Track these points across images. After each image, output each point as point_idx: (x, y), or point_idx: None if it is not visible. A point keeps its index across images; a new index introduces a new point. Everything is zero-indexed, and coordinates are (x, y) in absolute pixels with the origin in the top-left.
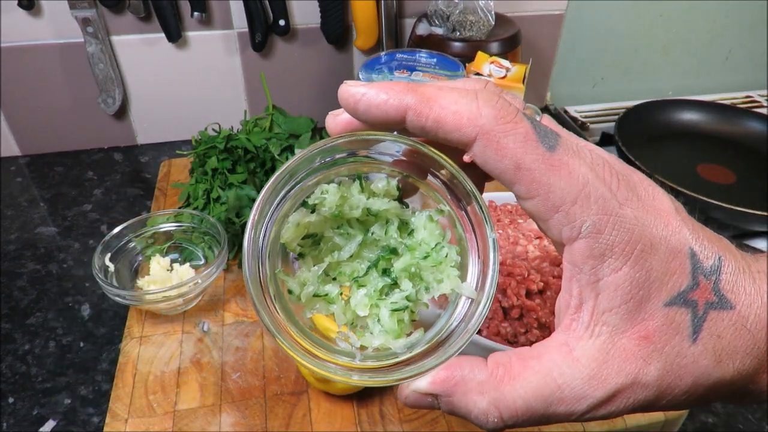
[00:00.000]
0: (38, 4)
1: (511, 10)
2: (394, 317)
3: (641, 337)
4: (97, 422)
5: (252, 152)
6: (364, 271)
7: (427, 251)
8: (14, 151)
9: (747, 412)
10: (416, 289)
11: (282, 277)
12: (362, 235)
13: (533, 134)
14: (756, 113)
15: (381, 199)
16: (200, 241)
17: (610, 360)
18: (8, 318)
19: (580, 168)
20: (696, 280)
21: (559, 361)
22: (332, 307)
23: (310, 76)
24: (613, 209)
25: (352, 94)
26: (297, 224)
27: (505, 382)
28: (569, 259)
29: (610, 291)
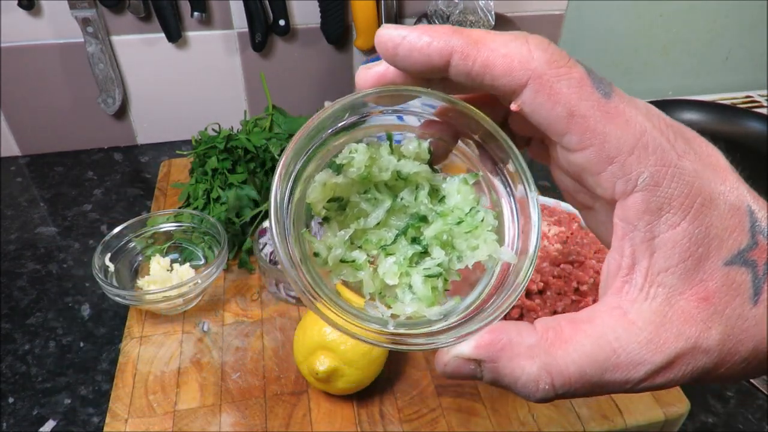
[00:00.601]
0: (38, 4)
1: (511, 10)
2: (428, 284)
3: (701, 299)
4: (97, 422)
5: (252, 152)
6: (392, 239)
7: (460, 217)
8: (14, 151)
9: (747, 412)
10: (449, 258)
11: (308, 237)
12: (390, 201)
13: (588, 80)
14: (756, 113)
15: (411, 161)
16: (200, 241)
17: (668, 323)
18: (8, 318)
19: (636, 117)
20: (755, 239)
21: (614, 324)
22: (360, 273)
23: (310, 76)
24: (671, 160)
25: (392, 37)
26: (324, 184)
27: (556, 346)
28: (622, 216)
29: (668, 248)
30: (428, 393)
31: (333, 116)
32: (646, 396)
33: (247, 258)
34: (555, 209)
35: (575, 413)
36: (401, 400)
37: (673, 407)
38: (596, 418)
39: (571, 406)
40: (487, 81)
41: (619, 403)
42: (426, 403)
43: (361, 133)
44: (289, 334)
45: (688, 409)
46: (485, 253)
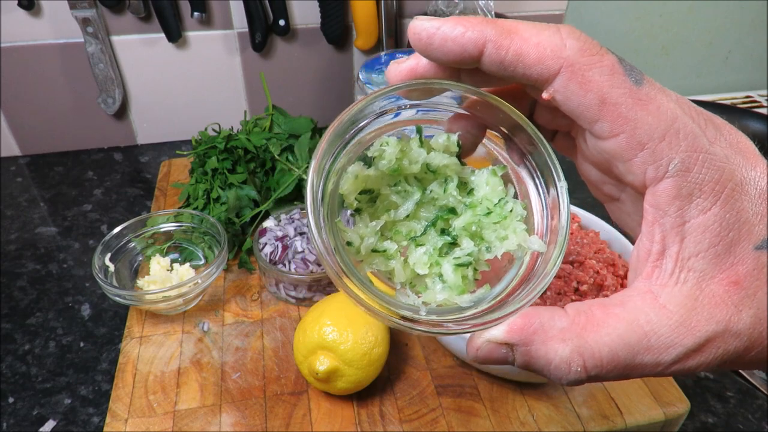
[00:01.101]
0: (38, 4)
1: (511, 10)
2: (458, 272)
3: (731, 282)
4: (97, 422)
5: (252, 152)
6: (422, 230)
7: (489, 207)
8: (14, 151)
9: (747, 412)
10: (478, 249)
11: (341, 227)
12: (420, 193)
13: (620, 67)
14: (756, 113)
15: (441, 154)
16: (200, 241)
17: (699, 307)
18: (8, 318)
19: (668, 104)
20: None
21: (645, 308)
22: (391, 263)
23: (310, 76)
24: (702, 146)
25: (426, 28)
26: (356, 176)
27: (588, 329)
28: (652, 202)
29: (698, 233)
30: (428, 393)
31: (364, 109)
32: (646, 396)
33: (247, 258)
34: None
35: (575, 413)
36: (401, 400)
37: (673, 407)
38: (596, 418)
39: (571, 406)
40: (519, 70)
41: (619, 403)
42: (426, 403)
43: (391, 128)
44: (289, 334)
45: (688, 409)
46: (514, 242)
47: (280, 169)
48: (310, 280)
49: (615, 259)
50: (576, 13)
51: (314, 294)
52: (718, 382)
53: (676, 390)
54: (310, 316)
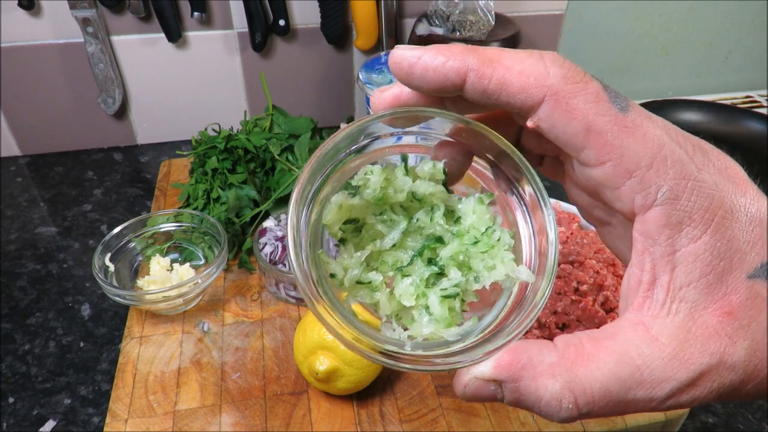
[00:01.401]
0: (38, 4)
1: (511, 10)
2: (445, 304)
3: (725, 313)
4: (97, 422)
5: (252, 152)
6: (409, 260)
7: (476, 236)
8: (14, 151)
9: (747, 412)
10: (465, 279)
11: (324, 258)
12: (406, 222)
13: (605, 95)
14: (756, 113)
15: (427, 182)
16: (200, 241)
17: (692, 339)
18: (8, 318)
19: (654, 130)
20: None
21: (636, 340)
22: (376, 294)
23: (310, 76)
24: (691, 173)
25: (407, 57)
26: (339, 206)
27: (578, 363)
28: (641, 231)
29: (689, 263)
30: (428, 393)
31: (347, 138)
32: None
33: (247, 258)
34: (555, 209)
35: None
36: (401, 400)
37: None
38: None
39: None
40: (503, 99)
41: None
42: (426, 403)
43: (375, 155)
44: (289, 334)
45: (688, 409)
46: (502, 272)
47: (280, 169)
48: None
49: (615, 259)
50: (576, 13)
51: None
52: None
53: None
54: (310, 315)
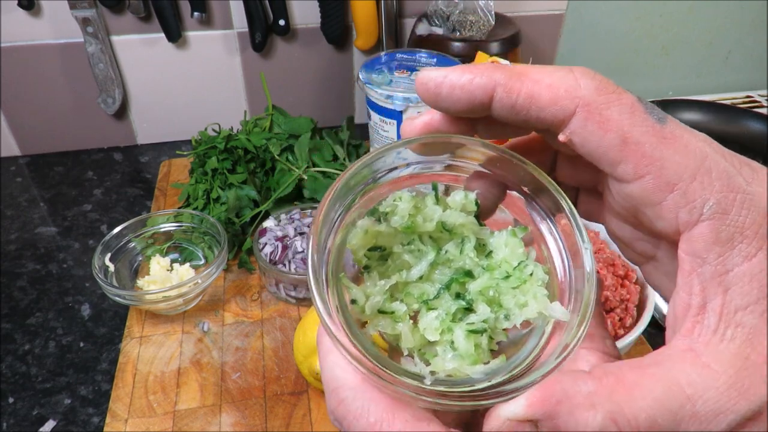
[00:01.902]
0: (38, 4)
1: (511, 10)
2: (471, 340)
3: None
4: (97, 422)
5: (252, 152)
6: (435, 293)
7: (508, 271)
8: (14, 151)
9: None
10: (495, 316)
11: (346, 283)
12: (434, 254)
13: (640, 106)
14: (756, 113)
15: (458, 212)
16: (200, 241)
17: (751, 367)
18: (8, 318)
19: (696, 142)
20: None
21: (687, 368)
22: (398, 326)
23: (310, 76)
24: (739, 186)
25: (433, 78)
26: (366, 231)
27: (619, 391)
28: (688, 250)
29: (745, 283)
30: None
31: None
32: None
33: (247, 258)
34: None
35: None
36: None
37: None
38: None
39: None
40: (533, 113)
41: None
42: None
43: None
44: (289, 334)
45: None
46: (535, 310)
47: (280, 169)
48: None
49: (615, 259)
50: (576, 13)
51: None
52: None
53: None
54: (310, 316)
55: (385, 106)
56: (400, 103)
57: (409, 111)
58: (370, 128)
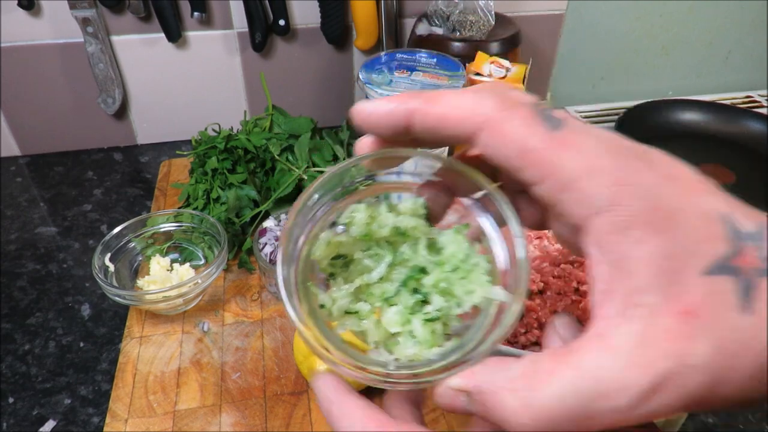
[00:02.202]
0: (38, 4)
1: (511, 10)
2: (427, 327)
3: (683, 313)
4: (97, 422)
5: (252, 152)
6: (395, 291)
7: (455, 264)
8: (14, 151)
9: (747, 412)
10: (448, 304)
11: (313, 290)
12: (391, 256)
13: (535, 116)
14: (756, 113)
15: (409, 217)
16: (200, 241)
17: (650, 343)
18: (8, 318)
19: (588, 142)
20: (737, 246)
21: (595, 352)
22: (364, 323)
23: (310, 76)
24: (628, 178)
25: (362, 110)
26: (328, 242)
27: (538, 379)
28: (591, 242)
29: (641, 267)
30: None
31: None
32: None
33: (247, 258)
34: None
35: None
36: None
37: None
38: None
39: None
40: (447, 132)
41: None
42: (426, 404)
43: (360, 195)
44: (289, 334)
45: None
46: (480, 295)
47: (280, 169)
48: None
49: None
50: (576, 13)
51: None
52: None
53: None
54: None
55: None
56: None
57: None
58: None
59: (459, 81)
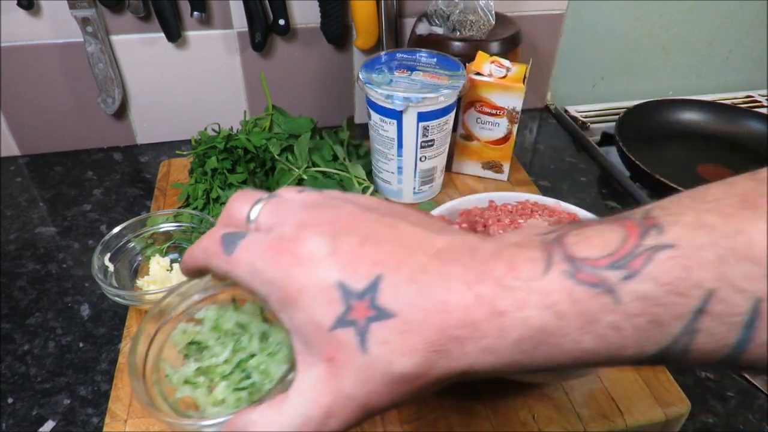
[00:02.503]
0: (38, 4)
1: (511, 9)
2: (235, 395)
3: (328, 360)
4: (97, 422)
5: (252, 152)
6: (230, 370)
7: (272, 351)
8: (14, 151)
9: (747, 412)
10: (261, 380)
11: (163, 363)
12: (233, 344)
13: (217, 246)
14: (756, 113)
15: (248, 315)
16: None
17: (316, 385)
18: (8, 318)
19: (244, 256)
20: (349, 304)
21: (295, 396)
22: (197, 391)
23: (310, 76)
24: (266, 275)
25: (183, 261)
26: (184, 331)
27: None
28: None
29: (298, 334)
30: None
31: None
32: (646, 396)
33: None
34: (555, 209)
35: (576, 413)
36: None
37: (673, 407)
38: (596, 418)
39: (572, 406)
40: (199, 270)
41: (620, 404)
42: (426, 404)
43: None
44: None
45: (688, 409)
46: (278, 374)
47: (280, 169)
48: None
49: None
50: (576, 13)
51: None
52: (718, 382)
53: (677, 390)
54: None
55: (385, 106)
56: (400, 103)
57: (410, 111)
58: (370, 128)
59: (459, 81)
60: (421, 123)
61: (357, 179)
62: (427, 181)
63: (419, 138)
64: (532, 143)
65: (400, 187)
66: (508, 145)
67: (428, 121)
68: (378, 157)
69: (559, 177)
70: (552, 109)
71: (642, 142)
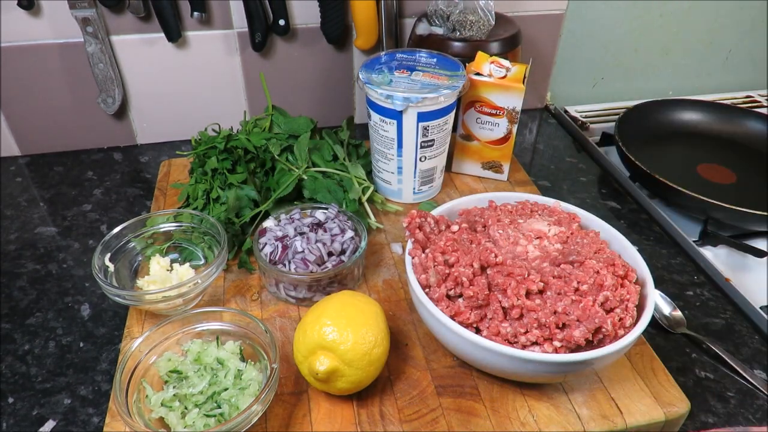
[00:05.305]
0: (38, 4)
1: (511, 9)
2: (203, 420)
3: None
4: (97, 422)
5: (252, 152)
6: (204, 400)
7: (243, 385)
8: (14, 151)
9: (747, 412)
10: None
11: (145, 384)
12: (210, 376)
13: None
14: (756, 113)
15: (228, 352)
16: (200, 241)
17: None
18: (8, 318)
19: None
20: None
21: None
22: (170, 414)
23: (310, 76)
24: None
25: None
26: (169, 359)
27: None
28: None
29: None
30: (428, 393)
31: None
32: (646, 396)
33: (246, 258)
34: (555, 209)
35: (575, 413)
36: (401, 400)
37: (673, 407)
38: (596, 418)
39: (572, 406)
40: None
41: (620, 404)
42: (426, 403)
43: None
44: (289, 334)
45: (688, 409)
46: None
47: (280, 169)
48: (310, 280)
49: (615, 258)
50: (576, 13)
51: (314, 294)
52: (718, 382)
53: (677, 390)
54: (309, 316)
55: (385, 106)
56: (400, 103)
57: (410, 111)
58: (370, 128)
59: (459, 81)
60: (421, 123)
61: (357, 179)
62: (427, 181)
63: (419, 138)
64: (532, 143)
65: (400, 187)
66: (507, 145)
67: (428, 121)
68: (378, 157)
69: (559, 177)
70: (552, 109)
71: (642, 142)
